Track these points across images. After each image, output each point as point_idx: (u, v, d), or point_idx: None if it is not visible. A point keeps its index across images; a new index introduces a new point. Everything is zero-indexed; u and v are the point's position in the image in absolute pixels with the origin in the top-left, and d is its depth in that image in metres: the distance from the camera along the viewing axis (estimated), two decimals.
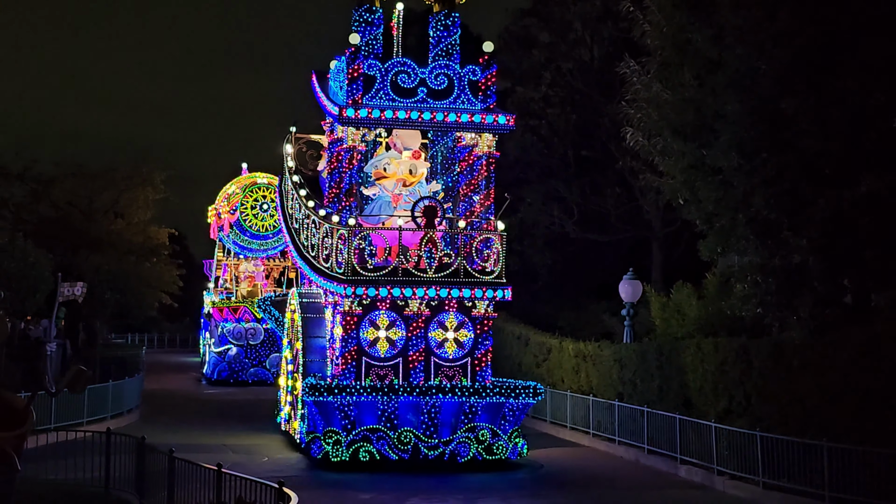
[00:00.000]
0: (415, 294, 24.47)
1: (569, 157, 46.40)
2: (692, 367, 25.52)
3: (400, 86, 25.29)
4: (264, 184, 51.44)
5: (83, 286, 34.50)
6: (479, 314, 25.32)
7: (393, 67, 25.43)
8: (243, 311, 50.21)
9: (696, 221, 26.51)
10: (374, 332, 24.81)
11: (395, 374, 24.85)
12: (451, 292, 24.66)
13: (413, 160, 26.43)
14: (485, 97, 25.50)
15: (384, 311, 24.83)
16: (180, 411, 36.66)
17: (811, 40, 21.59)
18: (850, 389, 20.03)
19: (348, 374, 24.54)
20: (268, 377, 48.83)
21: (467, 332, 25.26)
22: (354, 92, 24.86)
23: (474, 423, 24.62)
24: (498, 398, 24.59)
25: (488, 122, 25.28)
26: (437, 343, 25.11)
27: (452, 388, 24.32)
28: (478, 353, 25.35)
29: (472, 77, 25.54)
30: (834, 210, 21.29)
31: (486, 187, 25.85)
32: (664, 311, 30.01)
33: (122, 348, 48.65)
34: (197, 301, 69.91)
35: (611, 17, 43.97)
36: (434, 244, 24.69)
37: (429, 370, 25.02)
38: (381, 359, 24.85)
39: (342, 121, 25.01)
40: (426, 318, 25.00)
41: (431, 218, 24.66)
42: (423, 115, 25.04)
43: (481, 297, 24.86)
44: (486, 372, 25.34)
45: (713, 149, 24.29)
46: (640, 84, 28.21)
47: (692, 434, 24.27)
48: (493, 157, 25.87)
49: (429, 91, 25.37)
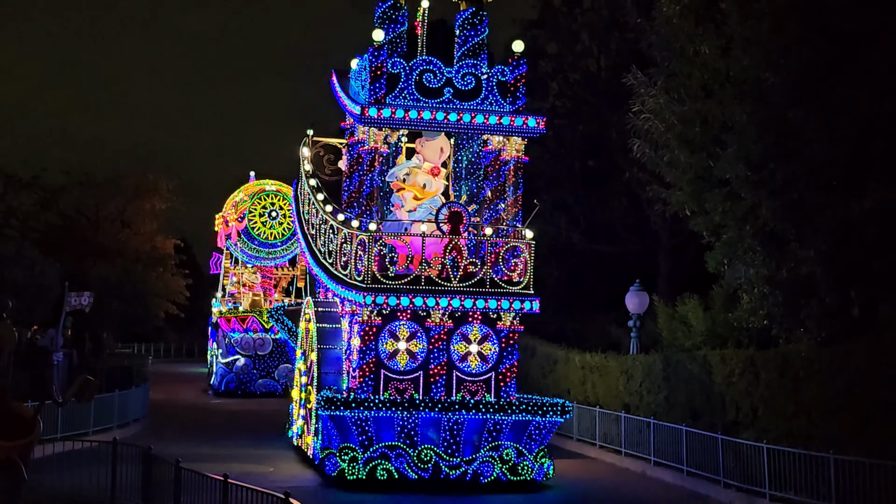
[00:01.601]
0: (438, 304, 23.24)
1: (575, 168, 46.39)
2: (699, 378, 25.49)
3: (425, 85, 24.03)
4: (273, 191, 51.11)
5: (90, 296, 34.53)
6: (505, 326, 23.95)
7: (418, 66, 24.18)
8: (251, 321, 49.64)
9: (703, 233, 26.52)
10: (394, 344, 23.57)
11: (415, 388, 23.57)
12: (476, 303, 23.40)
13: (428, 175, 25.36)
14: (514, 99, 24.27)
15: (405, 321, 23.59)
16: (187, 423, 36.13)
17: (818, 51, 21.59)
18: (856, 401, 19.99)
19: (366, 388, 23.35)
20: (277, 388, 48.37)
21: (492, 346, 23.94)
22: (377, 91, 23.74)
23: (498, 442, 23.33)
24: (524, 416, 23.25)
25: (517, 125, 24.03)
26: (460, 356, 23.78)
27: (476, 404, 23.01)
28: (502, 367, 23.97)
29: (500, 77, 24.32)
30: (841, 221, 21.26)
31: (513, 193, 24.67)
32: (671, 322, 29.98)
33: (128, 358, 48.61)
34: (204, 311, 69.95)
35: (618, 27, 43.97)
36: (459, 252, 23.43)
37: (450, 385, 23.72)
38: (401, 372, 23.57)
39: (364, 121, 23.90)
40: (448, 330, 23.72)
41: (456, 224, 23.44)
42: (450, 117, 23.77)
43: (507, 308, 23.60)
44: (510, 387, 23.99)
45: (720, 160, 24.30)
46: (648, 95, 28.23)
47: (698, 446, 24.21)
48: (522, 161, 24.76)
49: (455, 91, 24.11)
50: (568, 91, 46.94)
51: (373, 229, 23.42)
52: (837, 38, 21.45)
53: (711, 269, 26.61)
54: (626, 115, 30.41)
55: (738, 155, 23.47)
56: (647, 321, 32.48)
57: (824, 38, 21.52)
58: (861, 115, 21.03)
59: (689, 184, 26.70)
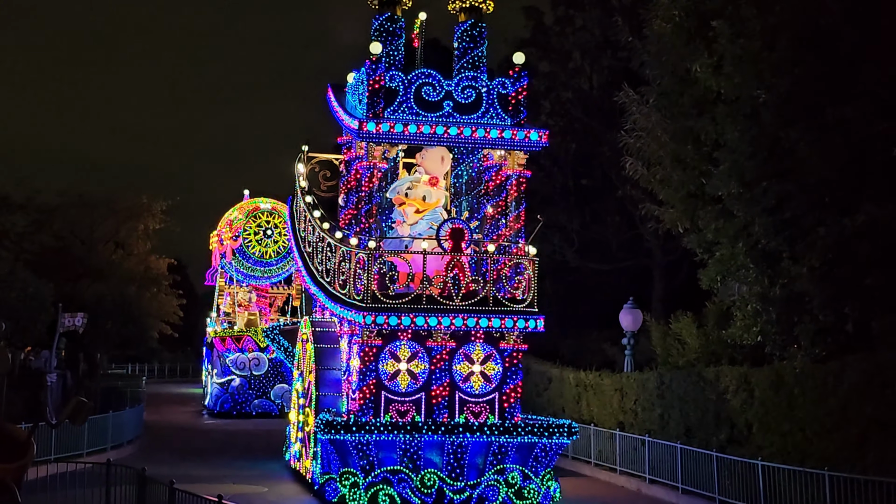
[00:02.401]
0: (440, 323, 22.50)
1: (569, 186, 46.50)
2: (693, 395, 25.48)
3: (424, 99, 23.41)
4: (267, 209, 50.89)
5: (84, 317, 34.51)
6: (508, 346, 23.21)
7: (417, 79, 23.54)
8: (247, 341, 49.06)
9: (697, 250, 26.57)
10: (395, 365, 22.86)
11: (416, 410, 22.87)
12: (479, 322, 22.61)
13: (427, 186, 24.82)
14: (515, 112, 23.57)
15: (405, 341, 22.90)
16: (181, 444, 35.72)
17: (810, 69, 21.68)
18: (851, 418, 20.00)
19: (366, 410, 22.64)
20: (272, 409, 47.99)
21: (495, 366, 23.18)
22: (375, 105, 23.18)
23: (504, 465, 22.58)
24: (530, 437, 22.52)
25: (519, 139, 23.27)
26: (463, 377, 23.04)
27: (481, 426, 22.33)
28: (506, 387, 23.20)
29: (501, 90, 23.65)
30: (834, 238, 21.32)
31: (515, 209, 24.00)
32: (665, 339, 29.99)
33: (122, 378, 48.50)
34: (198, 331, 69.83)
35: (610, 46, 44.18)
36: (461, 270, 22.64)
37: (453, 406, 23.00)
38: (402, 393, 22.85)
39: (362, 135, 23.26)
40: (451, 350, 23.01)
41: (458, 241, 22.67)
42: (450, 131, 23.09)
43: (511, 327, 22.82)
44: (515, 408, 23.22)
45: (713, 178, 24.37)
46: (640, 113, 28.36)
47: (693, 463, 24.19)
48: (524, 176, 24.09)
49: (455, 105, 23.47)
50: (560, 109, 47.07)
51: (372, 247, 22.77)
52: (830, 57, 21.54)
53: (705, 286, 26.65)
54: (618, 133, 30.54)
55: (730, 172, 23.55)
56: (641, 338, 32.52)
57: (816, 58, 21.61)
58: (854, 133, 21.10)
59: (681, 201, 26.79)
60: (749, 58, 22.75)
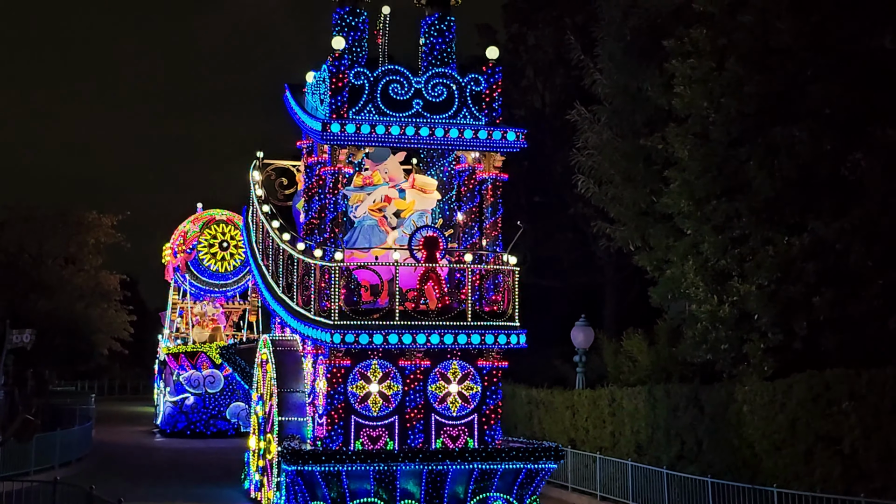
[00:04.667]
0: (415, 341, 20.49)
1: (521, 203, 46.59)
2: (644, 413, 25.60)
3: (392, 97, 21.49)
4: (223, 220, 49.26)
5: (31, 333, 34.07)
6: (487, 363, 21.44)
7: (384, 77, 21.60)
8: (201, 358, 47.11)
9: (647, 268, 26.73)
10: (365, 387, 20.86)
11: (389, 435, 20.95)
12: (458, 338, 20.67)
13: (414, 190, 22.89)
14: (490, 110, 21.82)
15: (376, 360, 20.89)
16: (134, 466, 34.27)
17: (759, 88, 21.92)
18: (799, 435, 20.19)
19: (335, 437, 20.66)
20: (228, 428, 46.27)
21: (473, 385, 21.33)
22: (339, 105, 21.27)
23: (487, 494, 20.86)
24: (515, 463, 20.77)
25: (495, 139, 21.54)
26: (439, 398, 21.12)
27: (462, 452, 20.52)
28: (486, 408, 21.35)
29: (474, 87, 21.83)
30: (782, 257, 21.52)
31: (492, 215, 22.29)
32: (616, 357, 30.11)
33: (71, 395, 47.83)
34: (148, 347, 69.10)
35: (563, 64, 44.36)
36: (436, 281, 20.84)
37: (429, 430, 21.07)
38: (374, 417, 20.88)
39: (326, 138, 21.24)
40: (425, 370, 21.11)
41: (432, 251, 20.79)
42: (421, 132, 21.19)
43: (492, 343, 21.04)
44: (495, 431, 21.41)
45: (664, 196, 24.54)
46: (592, 131, 28.54)
47: (644, 480, 24.28)
48: (501, 179, 22.38)
49: (425, 104, 21.56)
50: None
51: (339, 259, 20.74)
52: (778, 77, 21.78)
53: (655, 303, 26.82)
54: (570, 151, 30.66)
55: (680, 191, 23.74)
56: (592, 356, 32.59)
57: (765, 78, 21.85)
58: (802, 153, 21.33)
59: (632, 219, 26.97)
60: (699, 77, 22.97)
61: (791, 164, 21.43)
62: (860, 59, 21.11)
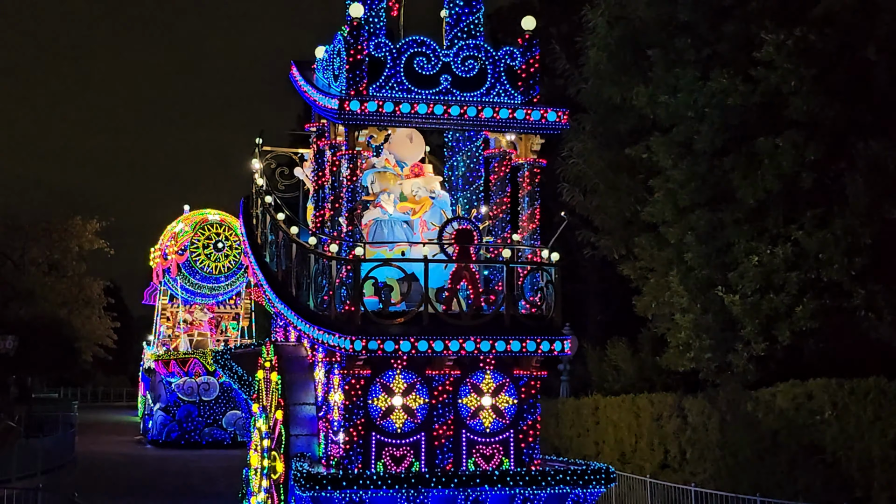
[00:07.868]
0: (447, 348, 17.76)
1: None
2: (628, 421, 25.63)
3: (417, 72, 18.71)
4: (216, 220, 47.27)
5: (14, 340, 34.00)
6: (525, 373, 18.23)
7: (407, 49, 18.82)
8: (194, 364, 44.95)
9: (632, 277, 26.77)
10: (388, 400, 17.92)
11: (415, 454, 18.03)
12: (496, 345, 17.74)
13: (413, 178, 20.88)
14: (526, 87, 19.03)
15: (400, 370, 18.06)
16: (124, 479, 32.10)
17: (743, 99, 21.99)
18: (782, 444, 20.25)
19: (353, 457, 17.81)
20: (225, 438, 44.58)
21: (509, 398, 18.12)
22: (358, 80, 18.63)
23: None
24: (562, 488, 18.38)
25: (535, 120, 18.64)
26: (470, 412, 18.07)
27: (502, 475, 17.53)
28: (523, 424, 18.21)
29: (509, 62, 19.14)
30: (766, 267, 21.59)
31: (529, 206, 19.45)
32: (600, 365, 30.16)
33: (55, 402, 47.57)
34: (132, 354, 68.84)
35: (547, 73, 44.37)
36: (470, 280, 18.13)
37: (459, 448, 18.09)
38: (398, 434, 17.91)
39: (344, 116, 18.39)
40: (455, 380, 18.15)
41: (466, 246, 18.03)
42: (451, 110, 18.29)
43: (534, 350, 17.79)
44: (534, 449, 18.36)
45: (648, 205, 24.58)
46: (576, 140, 28.53)
47: (627, 489, 24.30)
48: (539, 165, 19.47)
49: (454, 80, 18.77)
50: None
51: (359, 255, 18.04)
52: (762, 88, 21.85)
53: (640, 312, 26.85)
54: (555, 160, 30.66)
55: (665, 200, 23.78)
56: (577, 365, 32.65)
57: (748, 87, 21.93)
58: (786, 162, 21.40)
59: (617, 228, 27.00)
60: (683, 87, 23.04)
61: (774, 175, 21.50)
62: (843, 71, 21.21)
